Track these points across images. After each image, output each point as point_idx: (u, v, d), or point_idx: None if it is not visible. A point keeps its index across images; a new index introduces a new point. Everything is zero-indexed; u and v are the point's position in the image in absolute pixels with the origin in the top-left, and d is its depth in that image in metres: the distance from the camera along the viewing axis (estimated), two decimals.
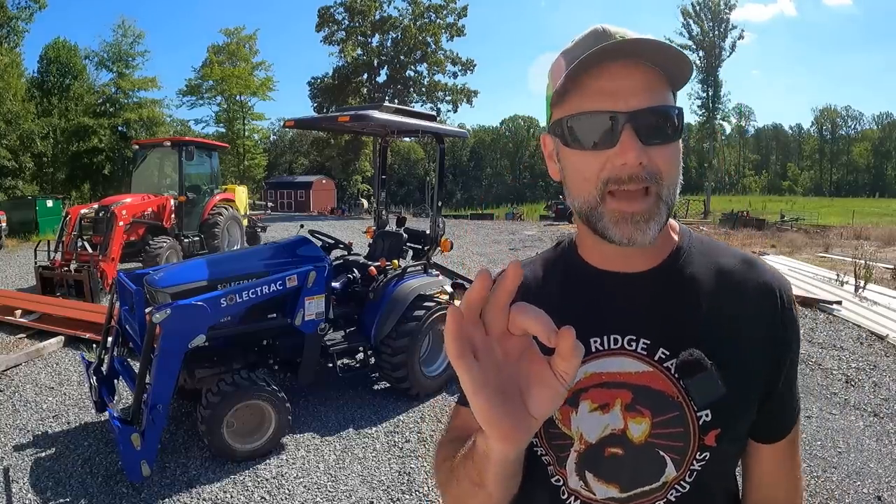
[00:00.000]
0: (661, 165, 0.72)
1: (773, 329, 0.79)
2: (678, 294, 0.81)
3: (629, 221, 0.72)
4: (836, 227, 24.22)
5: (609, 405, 0.79)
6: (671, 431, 0.77)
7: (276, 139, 62.51)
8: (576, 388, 0.80)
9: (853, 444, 3.76)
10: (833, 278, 8.87)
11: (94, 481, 3.16)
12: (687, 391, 0.76)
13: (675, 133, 0.73)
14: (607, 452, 0.79)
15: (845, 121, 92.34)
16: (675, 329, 0.78)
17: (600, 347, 0.80)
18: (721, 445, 0.78)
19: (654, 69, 0.72)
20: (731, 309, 0.79)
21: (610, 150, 0.71)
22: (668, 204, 0.74)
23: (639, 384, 0.78)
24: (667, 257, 0.83)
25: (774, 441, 0.84)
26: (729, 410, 0.77)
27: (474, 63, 39.49)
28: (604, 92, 0.71)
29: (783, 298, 0.80)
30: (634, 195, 0.72)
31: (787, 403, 0.83)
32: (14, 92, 24.72)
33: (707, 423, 0.76)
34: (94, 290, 7.20)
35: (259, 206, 27.72)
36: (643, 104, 0.71)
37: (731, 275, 0.81)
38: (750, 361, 0.78)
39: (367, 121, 4.16)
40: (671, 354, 0.77)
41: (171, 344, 3.05)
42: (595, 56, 0.69)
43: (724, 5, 36.70)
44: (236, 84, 38.03)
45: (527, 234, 17.61)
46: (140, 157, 10.84)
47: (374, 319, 4.15)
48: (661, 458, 0.78)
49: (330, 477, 3.31)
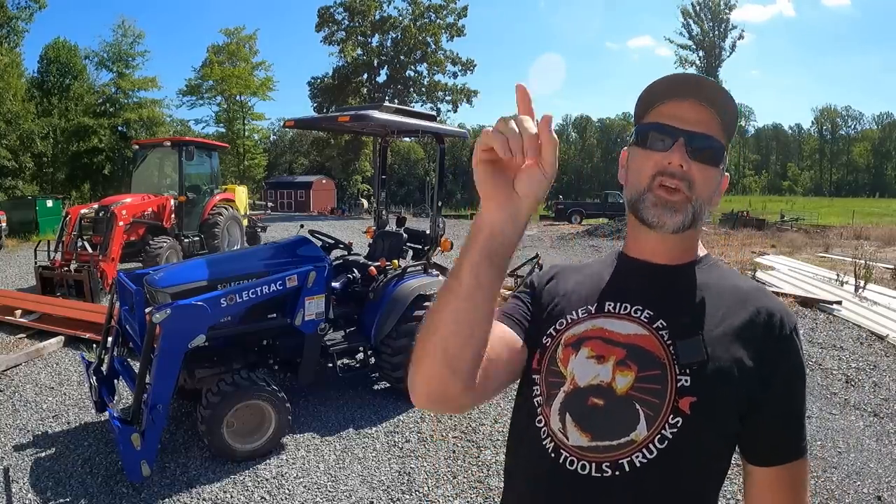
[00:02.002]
0: (697, 178, 0.92)
1: (766, 348, 0.89)
2: (689, 290, 0.96)
3: (663, 206, 0.91)
4: (836, 227, 24.19)
5: (604, 358, 0.91)
6: (650, 387, 0.86)
7: (276, 139, 62.49)
8: (582, 335, 0.94)
9: (853, 444, 3.76)
10: (833, 278, 8.87)
11: (94, 481, 3.16)
12: (675, 350, 0.87)
13: (715, 160, 0.94)
14: (590, 402, 0.88)
15: (845, 121, 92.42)
16: (678, 311, 0.92)
17: (611, 309, 0.96)
18: (694, 416, 0.84)
19: (714, 114, 0.93)
20: (731, 317, 0.91)
21: (664, 153, 0.92)
22: (696, 210, 0.93)
23: (633, 344, 0.90)
24: (689, 261, 1.00)
25: (766, 465, 0.90)
26: (707, 384, 0.85)
27: (474, 63, 39.48)
28: (674, 116, 0.93)
29: (783, 324, 0.91)
30: (672, 190, 0.91)
31: (782, 430, 0.89)
32: (14, 92, 24.72)
33: (684, 388, 0.85)
34: (94, 290, 7.20)
35: (259, 206, 27.73)
36: (698, 130, 0.92)
37: (740, 292, 0.95)
38: (736, 364, 0.87)
39: (367, 121, 4.16)
40: (667, 325, 0.91)
41: (171, 344, 3.05)
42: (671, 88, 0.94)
43: (724, 5, 36.76)
44: (236, 84, 38.00)
45: (527, 234, 17.59)
46: (140, 157, 10.84)
47: (374, 319, 4.15)
48: (635, 410, 0.86)
49: (330, 477, 3.31)
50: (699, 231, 1.00)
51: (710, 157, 0.93)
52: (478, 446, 3.67)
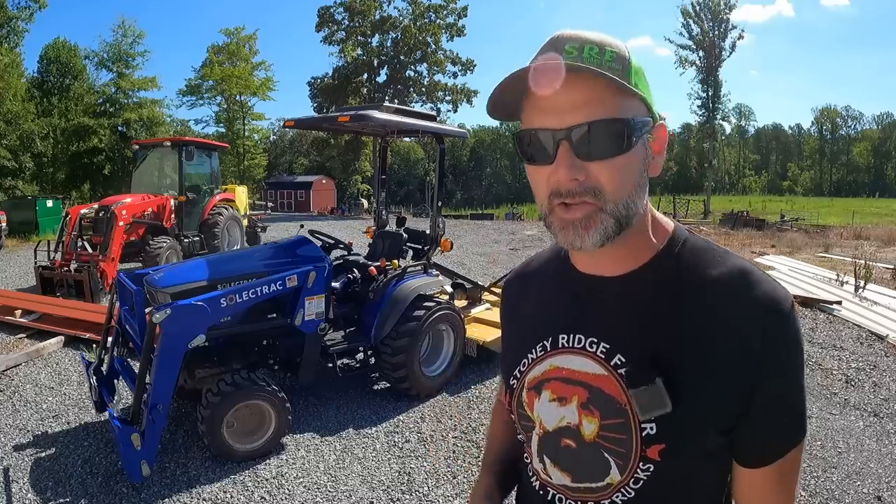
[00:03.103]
0: (603, 180, 0.72)
1: (751, 350, 0.73)
2: (647, 302, 0.80)
3: (570, 226, 0.75)
4: (836, 227, 24.19)
5: (567, 399, 0.83)
6: (615, 436, 0.79)
7: (276, 139, 62.46)
8: (541, 377, 0.86)
9: (853, 444, 3.75)
10: (833, 278, 8.86)
11: (94, 481, 3.15)
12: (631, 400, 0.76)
13: (620, 146, 0.72)
14: (563, 443, 0.84)
15: (845, 121, 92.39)
16: (636, 337, 0.79)
17: (566, 344, 0.85)
18: (666, 461, 0.76)
19: (600, 78, 0.69)
20: (703, 323, 0.75)
21: (549, 167, 0.74)
22: (616, 215, 0.74)
23: (594, 385, 0.81)
24: (645, 263, 0.82)
25: (753, 466, 0.79)
26: (676, 428, 0.74)
27: (474, 63, 39.45)
28: (544, 108, 0.73)
29: (773, 318, 0.74)
30: (575, 204, 0.74)
31: (771, 430, 0.77)
32: (14, 92, 24.72)
33: (650, 436, 0.76)
34: (94, 290, 7.20)
35: (259, 206, 27.71)
36: (579, 120, 0.70)
37: (716, 287, 0.77)
38: (713, 383, 0.74)
39: (367, 121, 4.16)
40: (626, 362, 0.79)
41: (171, 344, 3.05)
42: (522, 76, 0.72)
43: (724, 5, 36.67)
44: (236, 84, 37.99)
45: (527, 234, 17.60)
46: (140, 157, 10.83)
47: (374, 319, 4.15)
48: (605, 459, 0.80)
49: (330, 477, 3.31)
50: (645, 221, 0.82)
51: (610, 145, 0.71)
52: (478, 446, 3.67)
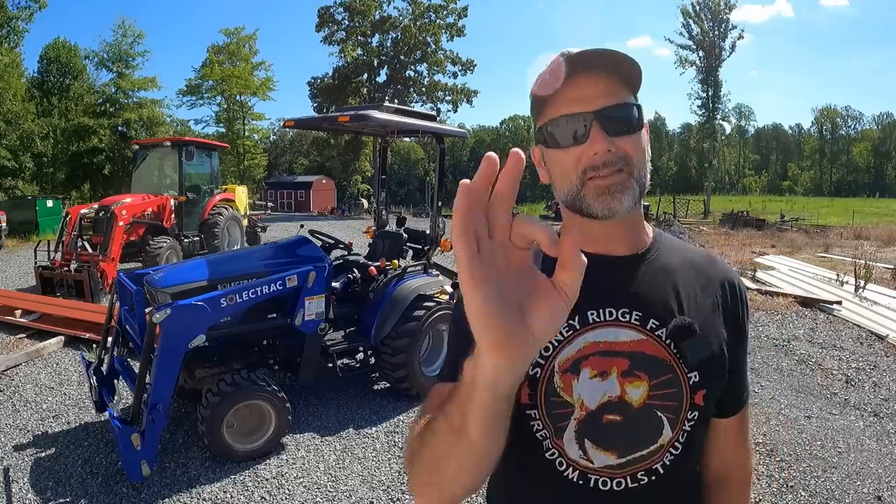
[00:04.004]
0: (629, 151, 0.84)
1: (733, 312, 0.94)
2: (655, 277, 0.92)
3: (607, 193, 0.83)
4: (836, 227, 24.21)
5: (607, 373, 0.85)
6: (666, 392, 0.85)
7: (276, 139, 62.47)
8: (577, 355, 0.86)
9: (853, 444, 3.75)
10: (833, 278, 8.87)
11: (94, 481, 3.15)
12: (680, 353, 0.86)
13: (636, 125, 0.85)
14: (605, 420, 0.85)
15: (845, 121, 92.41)
16: (660, 304, 0.89)
17: (597, 319, 0.87)
18: (706, 405, 0.88)
19: (613, 77, 0.84)
20: (701, 292, 0.92)
21: (584, 146, 0.83)
22: (640, 182, 0.85)
23: (634, 351, 0.86)
24: (644, 249, 0.94)
25: (731, 415, 0.98)
26: (712, 372, 0.89)
27: (474, 63, 39.45)
28: (573, 99, 0.84)
29: (740, 288, 0.97)
30: (608, 174, 0.83)
31: (742, 382, 0.99)
32: (14, 92, 24.73)
33: (696, 384, 0.87)
34: (94, 290, 7.19)
35: (259, 206, 27.70)
36: (607, 103, 0.83)
37: (698, 266, 0.96)
38: (720, 336, 0.91)
39: (367, 121, 4.16)
40: (661, 324, 0.87)
41: (171, 344, 3.05)
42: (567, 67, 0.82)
43: (724, 5, 36.66)
44: (236, 84, 37.99)
45: None
46: (140, 157, 10.83)
47: (374, 319, 4.15)
48: (658, 418, 0.86)
49: (330, 477, 3.31)
50: (640, 214, 0.95)
51: (631, 124, 0.85)
52: None
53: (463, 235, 0.45)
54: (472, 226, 0.45)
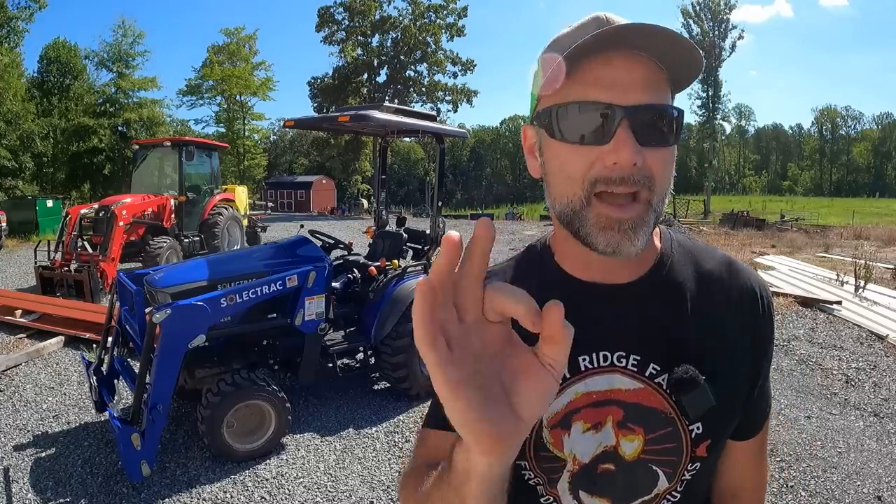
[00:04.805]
0: (656, 169, 0.65)
1: (754, 330, 0.79)
2: (665, 305, 0.77)
3: (616, 229, 0.65)
4: (836, 227, 24.20)
5: (601, 423, 0.76)
6: (664, 447, 0.75)
7: (276, 139, 62.49)
8: (567, 409, 0.76)
9: (853, 444, 3.75)
10: (833, 278, 8.86)
11: (94, 481, 3.15)
12: (681, 407, 0.74)
13: (673, 136, 0.67)
14: (600, 469, 0.77)
15: (845, 121, 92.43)
16: (665, 343, 0.75)
17: (589, 366, 0.76)
18: (711, 455, 0.78)
19: (657, 65, 0.65)
20: (716, 315, 0.78)
21: (602, 147, 0.64)
22: (657, 212, 0.68)
23: (630, 401, 0.75)
24: (651, 267, 0.78)
25: (750, 438, 0.85)
26: (719, 421, 0.76)
27: (474, 63, 39.50)
28: (601, 82, 0.64)
29: (763, 299, 0.81)
30: (623, 200, 0.65)
31: (764, 400, 0.85)
32: (14, 92, 24.72)
33: (699, 436, 0.75)
34: (94, 290, 7.20)
35: (259, 206, 27.70)
36: (644, 100, 0.64)
37: (714, 279, 0.80)
38: (737, 368, 0.78)
39: (367, 121, 4.16)
40: (662, 370, 0.74)
41: (171, 344, 3.05)
42: (595, 41, 0.61)
43: (724, 5, 36.70)
44: (236, 84, 38.03)
45: (527, 234, 17.60)
46: (140, 157, 10.83)
47: (374, 319, 4.15)
48: (654, 472, 0.76)
49: (330, 477, 3.31)
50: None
51: (667, 133, 0.66)
52: None
53: (427, 339, 0.38)
54: (437, 325, 0.39)
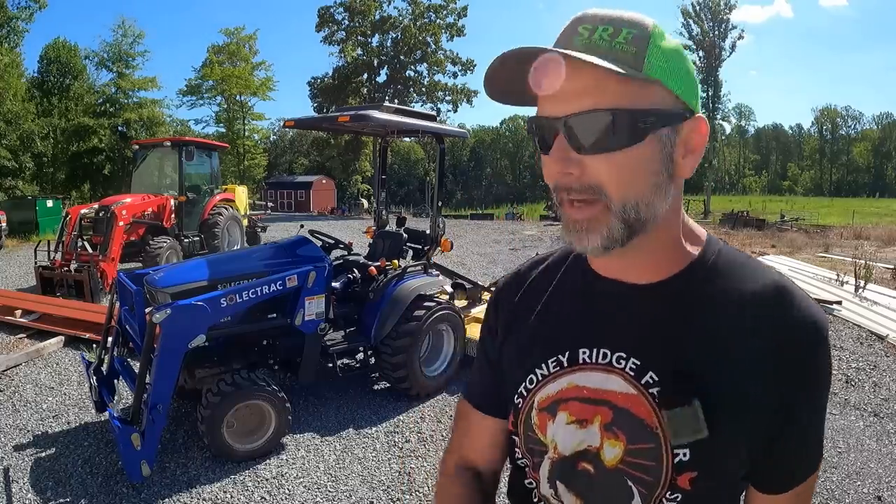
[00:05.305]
0: (603, 178, 0.66)
1: (787, 372, 0.69)
2: (682, 315, 0.72)
3: (575, 229, 0.69)
4: (836, 227, 24.19)
5: (588, 421, 0.74)
6: (643, 463, 0.71)
7: (276, 139, 62.46)
8: (556, 396, 0.77)
9: (853, 444, 3.76)
10: (833, 278, 8.86)
11: (94, 481, 3.15)
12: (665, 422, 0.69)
13: (623, 139, 0.64)
14: (580, 466, 0.75)
15: (845, 121, 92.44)
16: (670, 354, 0.71)
17: (588, 360, 0.76)
18: (696, 490, 0.70)
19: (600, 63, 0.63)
20: (739, 342, 0.70)
21: (547, 158, 0.69)
22: (624, 218, 0.67)
23: (621, 406, 0.72)
24: (678, 272, 0.74)
25: (774, 493, 0.75)
26: (711, 455, 0.69)
27: (474, 63, 39.45)
28: (555, 95, 0.67)
29: (810, 340, 0.69)
30: (578, 203, 0.68)
31: (800, 456, 0.75)
32: (14, 92, 24.71)
33: (683, 463, 0.69)
34: (94, 290, 7.19)
35: (259, 206, 27.69)
36: (577, 109, 0.65)
37: (750, 302, 0.71)
38: (750, 405, 0.69)
39: (367, 121, 4.16)
40: (659, 380, 0.71)
41: (171, 344, 3.05)
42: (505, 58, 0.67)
43: (724, 5, 36.70)
44: (236, 84, 38.02)
45: (527, 234, 17.60)
46: (140, 157, 10.82)
47: (374, 319, 4.15)
48: (628, 488, 0.72)
49: (330, 477, 3.31)
50: (675, 226, 0.75)
51: (609, 138, 0.64)
52: None
53: None
54: None
